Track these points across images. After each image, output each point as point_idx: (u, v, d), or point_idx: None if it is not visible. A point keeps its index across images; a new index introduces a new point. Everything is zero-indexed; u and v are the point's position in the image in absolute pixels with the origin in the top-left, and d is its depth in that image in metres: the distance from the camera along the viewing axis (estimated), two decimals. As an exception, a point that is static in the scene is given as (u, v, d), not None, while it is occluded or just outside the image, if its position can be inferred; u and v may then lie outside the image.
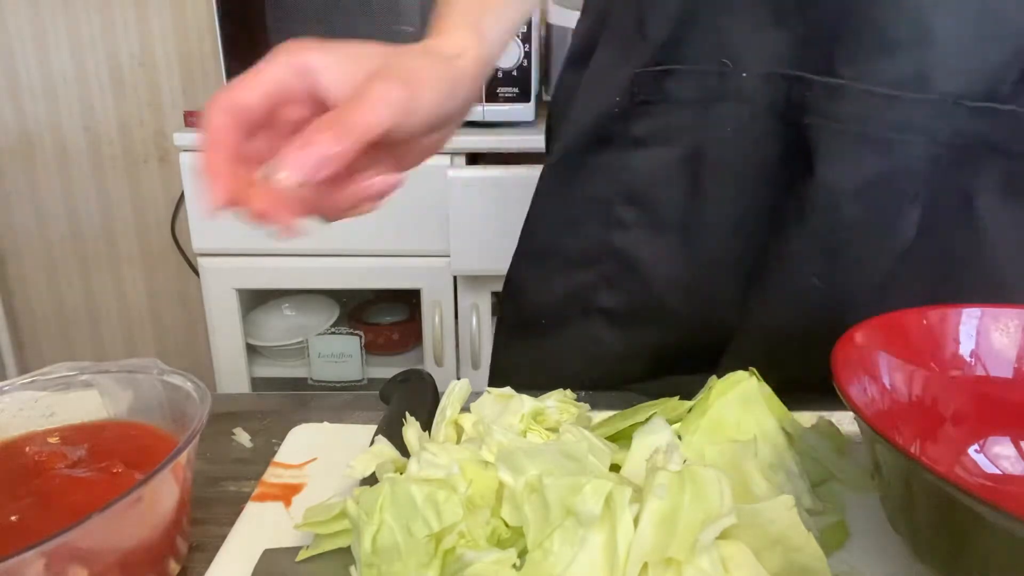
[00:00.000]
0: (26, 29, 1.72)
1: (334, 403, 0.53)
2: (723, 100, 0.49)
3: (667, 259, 0.53)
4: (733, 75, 0.48)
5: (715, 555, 0.30)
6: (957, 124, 0.44)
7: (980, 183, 0.46)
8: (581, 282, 0.56)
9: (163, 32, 1.73)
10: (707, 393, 0.41)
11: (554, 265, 0.58)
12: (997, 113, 0.44)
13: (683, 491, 0.31)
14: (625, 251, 0.54)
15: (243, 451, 0.47)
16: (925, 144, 0.44)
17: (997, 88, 0.44)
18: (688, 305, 0.53)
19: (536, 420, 0.41)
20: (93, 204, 1.84)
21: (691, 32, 0.49)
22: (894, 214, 0.46)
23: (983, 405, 0.41)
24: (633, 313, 0.55)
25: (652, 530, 0.30)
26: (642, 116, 0.52)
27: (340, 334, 1.61)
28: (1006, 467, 0.40)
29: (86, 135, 1.79)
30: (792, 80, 0.46)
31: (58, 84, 1.76)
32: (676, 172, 0.52)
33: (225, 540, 0.38)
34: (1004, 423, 0.41)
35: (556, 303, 0.58)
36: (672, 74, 0.50)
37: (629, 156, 0.53)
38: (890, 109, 0.44)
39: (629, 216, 0.53)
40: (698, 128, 0.50)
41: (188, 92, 1.77)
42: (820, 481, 0.40)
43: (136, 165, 1.82)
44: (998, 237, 0.47)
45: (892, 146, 0.44)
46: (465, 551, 0.32)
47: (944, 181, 0.46)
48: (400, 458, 0.39)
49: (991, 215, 0.47)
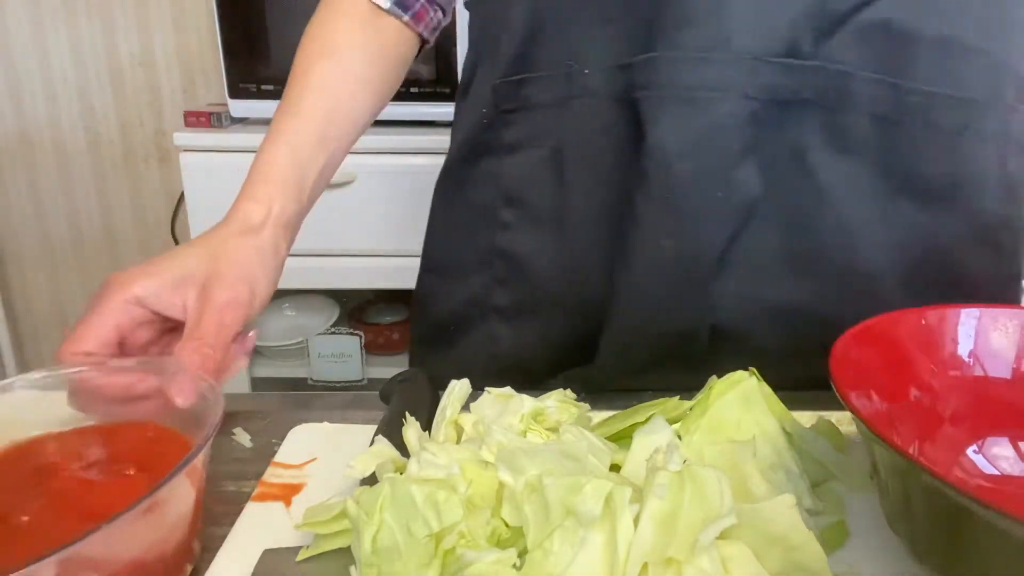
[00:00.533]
0: (26, 29, 1.72)
1: (334, 403, 0.53)
2: (573, 98, 0.53)
3: (543, 252, 0.57)
4: (578, 74, 0.53)
5: (715, 555, 0.30)
6: (763, 80, 0.48)
7: (807, 139, 0.50)
8: (477, 285, 0.61)
9: (163, 32, 1.73)
10: (707, 393, 0.41)
11: (454, 273, 0.62)
12: (804, 69, 0.48)
13: (683, 491, 0.31)
14: (509, 250, 0.58)
15: (243, 451, 0.47)
16: (737, 100, 0.48)
17: (796, 45, 0.48)
18: (566, 291, 0.57)
19: (536, 420, 0.41)
20: (93, 204, 1.84)
21: (540, 41, 0.54)
22: (725, 169, 0.50)
23: (981, 405, 0.41)
24: (521, 307, 0.59)
25: (652, 530, 0.30)
26: (508, 124, 0.57)
27: (340, 334, 1.61)
28: (1004, 468, 0.40)
29: (86, 135, 1.79)
30: (625, 68, 0.51)
31: (58, 84, 1.75)
32: (543, 170, 0.56)
33: (225, 540, 0.38)
34: (1002, 424, 0.41)
35: (458, 309, 0.62)
36: (527, 82, 0.55)
37: (503, 162, 0.57)
38: (699, 70, 0.48)
39: (509, 217, 0.58)
40: (556, 127, 0.55)
41: (188, 92, 1.77)
42: (820, 481, 0.40)
43: (136, 165, 1.82)
44: (835, 189, 0.51)
45: (708, 104, 0.49)
46: (465, 551, 0.32)
47: (774, 138, 0.50)
48: (400, 458, 0.39)
49: (824, 168, 0.50)
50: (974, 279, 0.54)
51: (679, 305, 0.53)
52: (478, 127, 0.58)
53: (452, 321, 0.63)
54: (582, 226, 0.55)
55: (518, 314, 0.59)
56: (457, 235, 0.62)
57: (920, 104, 0.50)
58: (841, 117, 0.50)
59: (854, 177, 0.51)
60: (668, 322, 0.53)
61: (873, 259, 0.52)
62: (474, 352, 0.62)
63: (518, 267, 0.58)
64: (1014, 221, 0.56)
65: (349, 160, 0.61)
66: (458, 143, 0.61)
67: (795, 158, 0.50)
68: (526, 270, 0.58)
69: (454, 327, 0.63)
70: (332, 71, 0.56)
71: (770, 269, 0.52)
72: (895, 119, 0.50)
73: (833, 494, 0.39)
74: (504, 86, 0.56)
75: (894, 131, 0.50)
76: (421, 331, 0.67)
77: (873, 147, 0.50)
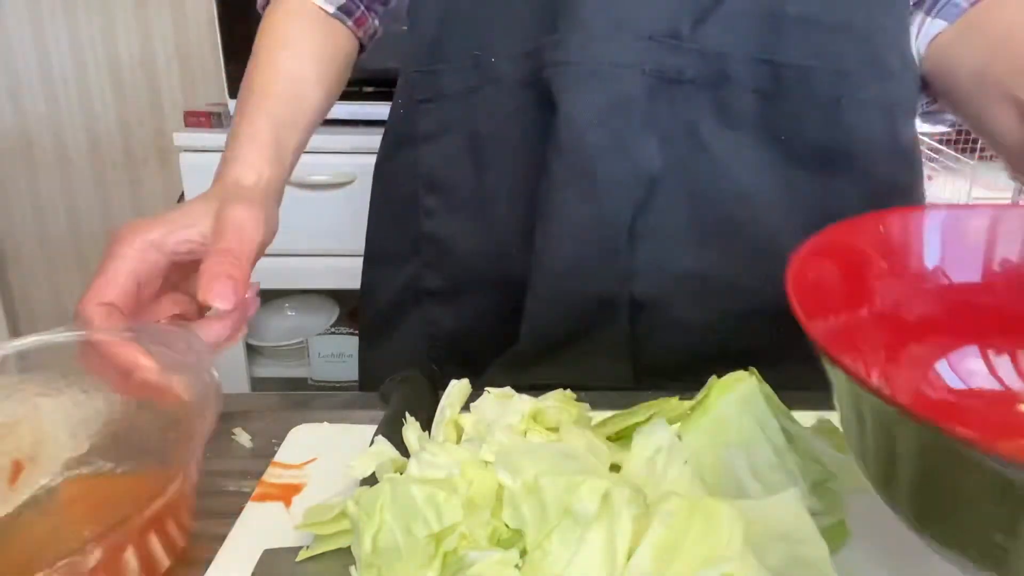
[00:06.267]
0: (26, 29, 1.72)
1: (334, 403, 0.53)
2: (482, 86, 0.56)
3: (466, 233, 0.60)
4: (486, 63, 0.56)
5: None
6: (656, 58, 0.52)
7: (697, 114, 0.53)
8: (411, 273, 0.63)
9: (163, 32, 1.73)
10: (707, 393, 0.41)
11: (390, 263, 0.65)
12: (685, 51, 0.52)
13: (691, 522, 0.30)
14: (436, 235, 0.61)
15: (243, 451, 0.47)
16: (635, 76, 0.52)
17: (678, 28, 0.52)
18: (491, 269, 0.60)
19: (536, 420, 0.41)
20: (93, 204, 1.84)
21: (450, 33, 0.57)
22: (631, 139, 0.53)
23: (950, 313, 0.37)
24: (452, 288, 0.62)
25: (651, 557, 0.30)
26: (424, 114, 0.59)
27: (340, 334, 1.61)
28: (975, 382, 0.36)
29: (86, 135, 1.79)
30: (531, 53, 0.54)
31: (58, 84, 1.76)
32: (460, 156, 0.59)
33: (225, 540, 0.38)
34: (971, 331, 0.37)
35: (395, 298, 0.65)
36: (439, 72, 0.58)
37: (422, 151, 0.60)
38: (603, 47, 0.52)
39: (432, 203, 0.61)
40: (468, 114, 0.58)
41: (188, 92, 1.77)
42: (820, 481, 0.40)
43: (136, 165, 1.82)
44: (729, 161, 0.54)
45: (612, 78, 0.52)
46: (468, 551, 0.32)
47: (670, 113, 0.53)
48: (400, 458, 0.39)
49: (716, 142, 0.53)
50: None
51: (596, 272, 0.55)
52: (399, 120, 0.62)
53: (391, 310, 0.65)
54: (500, 205, 0.58)
55: (450, 295, 0.62)
56: (390, 225, 0.65)
57: (795, 77, 0.52)
58: (725, 94, 0.53)
59: (745, 148, 0.54)
60: (587, 289, 0.55)
61: (775, 225, 0.54)
62: (414, 339, 0.65)
63: (444, 250, 0.61)
64: (915, 189, 0.59)
65: (349, 160, 0.62)
66: (385, 137, 0.64)
67: (689, 133, 0.53)
68: (452, 252, 0.61)
69: (394, 315, 0.65)
70: (294, 62, 0.58)
71: (679, 239, 0.55)
72: (774, 92, 0.53)
73: (833, 494, 0.39)
74: (418, 76, 0.59)
75: (776, 104, 0.53)
76: (367, 322, 0.70)
77: (757, 118, 0.53)
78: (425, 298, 0.63)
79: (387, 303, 0.66)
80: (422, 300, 0.64)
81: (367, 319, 0.70)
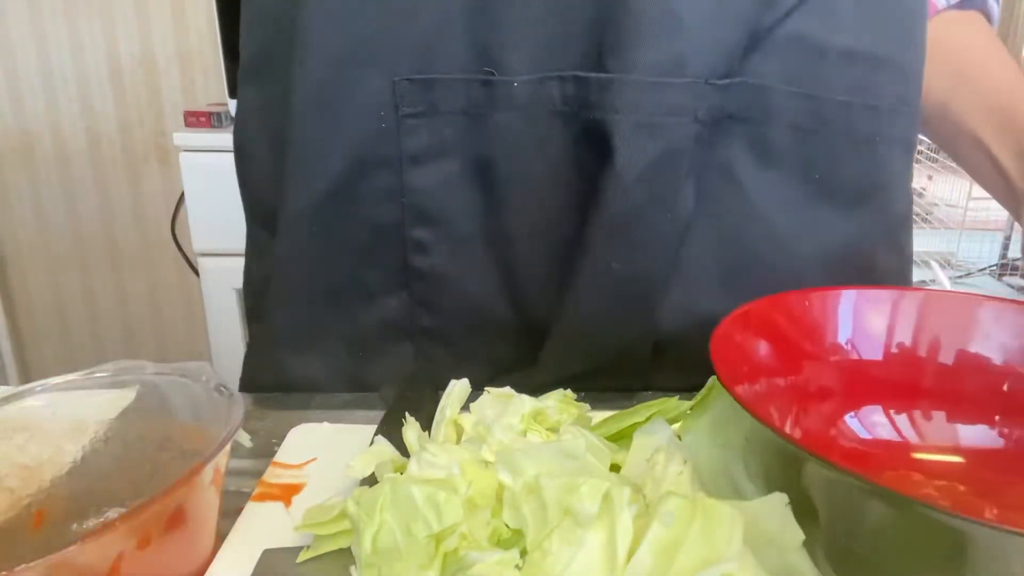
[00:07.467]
0: (26, 29, 1.72)
1: (334, 403, 0.53)
2: (495, 110, 0.48)
3: (475, 270, 0.53)
4: (501, 84, 0.48)
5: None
6: (710, 102, 0.48)
7: (733, 153, 0.50)
8: (393, 308, 0.55)
9: (163, 32, 1.73)
10: (707, 393, 0.41)
11: (353, 299, 0.55)
12: (731, 87, 0.48)
13: (691, 522, 0.30)
14: (432, 272, 0.53)
15: (243, 451, 0.47)
16: (689, 124, 0.48)
17: (732, 64, 0.48)
18: (505, 309, 0.54)
19: (536, 420, 0.41)
20: (93, 204, 1.84)
21: (449, 35, 0.48)
22: (673, 192, 0.49)
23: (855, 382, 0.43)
24: (457, 326, 0.55)
25: (651, 557, 0.30)
26: (411, 131, 0.50)
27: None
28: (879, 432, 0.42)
29: (86, 135, 1.79)
30: (567, 80, 0.47)
31: (58, 84, 1.76)
32: (462, 184, 0.51)
33: (225, 540, 0.38)
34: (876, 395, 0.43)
35: (367, 333, 0.56)
36: (435, 83, 0.48)
37: (408, 175, 0.51)
38: (657, 95, 0.46)
39: (425, 237, 0.52)
40: (472, 135, 0.49)
41: (188, 92, 1.77)
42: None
43: (136, 165, 1.82)
44: (763, 201, 0.51)
45: (664, 129, 0.47)
46: (469, 552, 0.32)
47: (706, 156, 0.49)
48: (400, 458, 0.39)
49: (750, 181, 0.51)
50: (881, 279, 0.56)
51: (624, 325, 0.52)
52: (372, 137, 0.50)
53: (359, 346, 0.56)
54: (521, 246, 0.52)
55: (454, 334, 0.55)
56: (355, 259, 0.54)
57: (835, 114, 0.51)
58: (764, 130, 0.50)
59: (779, 187, 0.51)
60: (612, 341, 0.53)
61: (798, 266, 0.53)
62: (399, 367, 0.56)
63: (444, 288, 0.54)
64: (910, 220, 0.59)
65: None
66: (341, 154, 0.50)
67: (724, 173, 0.51)
68: (454, 290, 0.54)
69: (363, 352, 0.57)
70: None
71: (704, 281, 0.52)
72: (813, 129, 0.51)
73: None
74: (407, 86, 0.49)
75: (813, 140, 0.51)
76: (326, 359, 0.58)
77: (795, 157, 0.51)
78: (420, 335, 0.56)
79: (355, 339, 0.56)
80: (415, 336, 0.56)
81: (328, 356, 0.57)
